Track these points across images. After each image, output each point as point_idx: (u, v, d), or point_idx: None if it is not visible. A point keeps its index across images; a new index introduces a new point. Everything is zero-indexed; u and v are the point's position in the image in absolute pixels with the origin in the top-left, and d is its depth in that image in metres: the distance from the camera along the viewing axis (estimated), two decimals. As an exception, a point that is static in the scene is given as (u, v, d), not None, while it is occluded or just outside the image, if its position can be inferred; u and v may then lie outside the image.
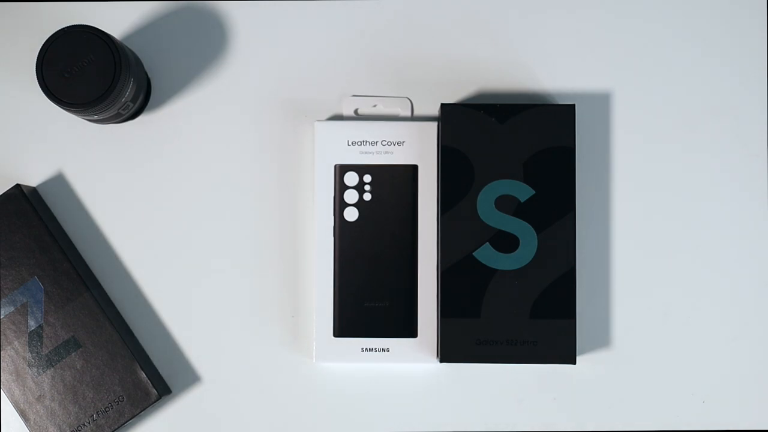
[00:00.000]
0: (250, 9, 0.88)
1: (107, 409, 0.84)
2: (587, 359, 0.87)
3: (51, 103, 0.81)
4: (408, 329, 0.85)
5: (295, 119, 0.88)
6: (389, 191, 0.86)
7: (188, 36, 0.88)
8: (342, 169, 0.86)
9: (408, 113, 0.87)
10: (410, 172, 0.86)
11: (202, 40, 0.88)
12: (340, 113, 0.88)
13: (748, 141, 0.88)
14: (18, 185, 0.85)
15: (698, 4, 0.88)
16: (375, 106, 0.88)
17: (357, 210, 0.86)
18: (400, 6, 0.88)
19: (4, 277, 0.85)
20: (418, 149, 0.86)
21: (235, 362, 0.87)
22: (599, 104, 0.88)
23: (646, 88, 0.88)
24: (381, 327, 0.85)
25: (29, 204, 0.85)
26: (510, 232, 0.83)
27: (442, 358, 0.83)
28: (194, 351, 0.87)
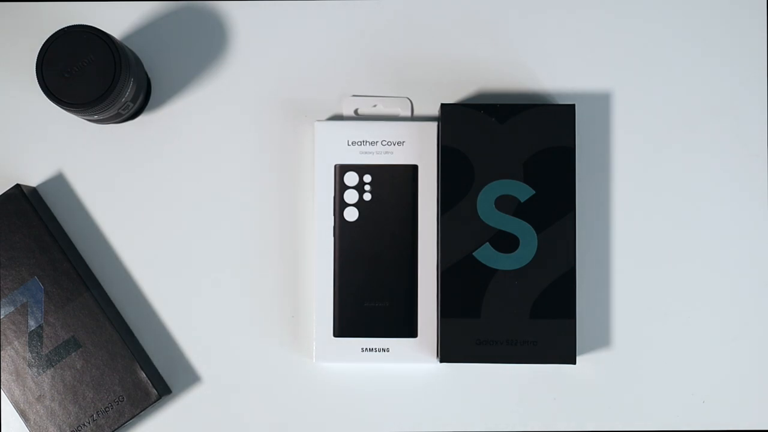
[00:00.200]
0: (250, 9, 0.88)
1: (107, 409, 0.84)
2: (587, 359, 0.87)
3: (51, 103, 0.81)
4: (408, 329, 0.85)
5: (295, 119, 0.88)
6: (389, 191, 0.86)
7: (188, 36, 0.88)
8: (342, 169, 0.86)
9: (408, 113, 0.87)
10: (410, 172, 0.86)
11: (202, 40, 0.88)
12: (340, 113, 0.88)
13: (748, 141, 0.88)
14: (18, 185, 0.85)
15: (698, 4, 0.88)
16: (375, 106, 0.87)
17: (357, 210, 0.86)
18: (400, 6, 0.88)
19: (4, 277, 0.85)
20: (418, 149, 0.86)
21: (235, 362, 0.87)
22: (599, 104, 0.88)
23: (646, 88, 0.88)
24: (381, 327, 0.85)
25: (29, 204, 0.85)
26: (510, 232, 0.83)
27: (442, 358, 0.83)
28: (194, 351, 0.87)
